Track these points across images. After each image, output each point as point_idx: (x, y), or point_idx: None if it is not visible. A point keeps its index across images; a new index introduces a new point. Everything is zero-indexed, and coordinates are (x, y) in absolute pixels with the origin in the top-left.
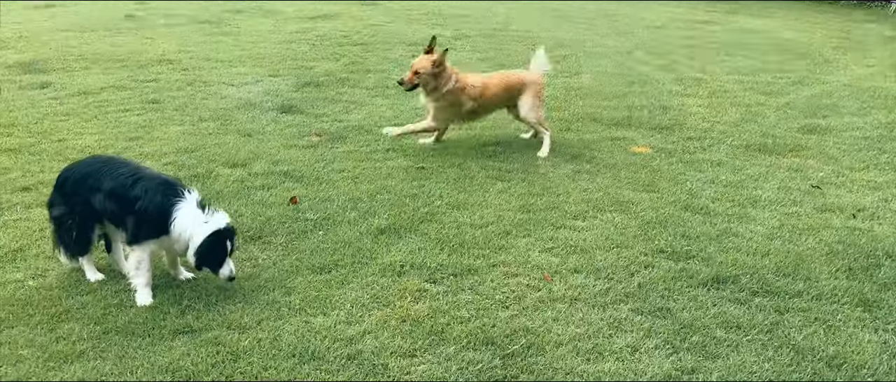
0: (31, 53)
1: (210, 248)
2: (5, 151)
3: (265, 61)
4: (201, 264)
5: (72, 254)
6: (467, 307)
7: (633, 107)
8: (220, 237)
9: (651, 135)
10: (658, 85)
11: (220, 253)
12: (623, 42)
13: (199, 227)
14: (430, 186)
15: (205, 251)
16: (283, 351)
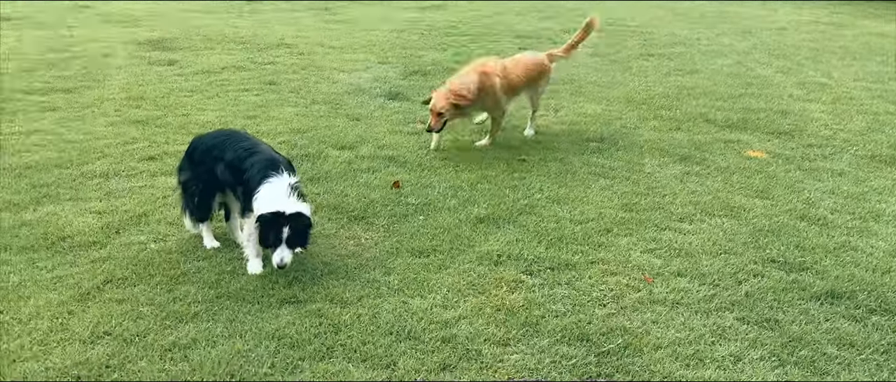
0: (160, 32)
1: (262, 228)
2: (134, 122)
3: (375, 48)
4: (260, 242)
5: (195, 220)
6: (563, 301)
7: (749, 109)
8: (273, 219)
9: (768, 140)
10: (778, 88)
11: (272, 237)
12: (741, 42)
13: (266, 206)
14: (531, 179)
15: (260, 229)
16: (381, 328)
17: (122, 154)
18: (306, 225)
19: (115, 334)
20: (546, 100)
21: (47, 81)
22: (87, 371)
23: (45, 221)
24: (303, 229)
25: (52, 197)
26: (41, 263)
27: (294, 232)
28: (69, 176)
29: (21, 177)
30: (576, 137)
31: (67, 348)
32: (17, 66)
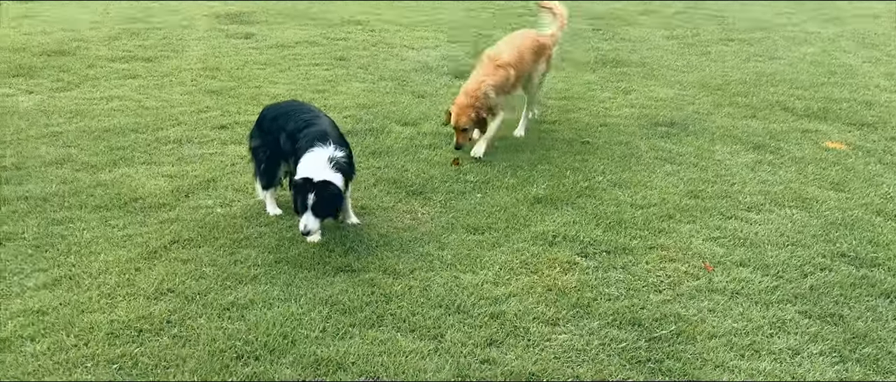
0: (238, 6)
1: (293, 193)
2: (209, 92)
3: (445, 27)
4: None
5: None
6: (617, 285)
7: (831, 99)
8: (302, 185)
9: (849, 131)
10: (864, 78)
11: (299, 203)
12: (829, 29)
13: (302, 173)
14: (593, 161)
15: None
16: (431, 301)
17: (196, 122)
18: (332, 194)
19: (178, 291)
20: (615, 83)
21: (129, 50)
22: (150, 325)
23: (119, 182)
24: (328, 197)
25: (128, 160)
26: (113, 221)
27: (319, 199)
28: (144, 140)
29: (99, 140)
30: (644, 121)
31: (132, 302)
32: (103, 35)
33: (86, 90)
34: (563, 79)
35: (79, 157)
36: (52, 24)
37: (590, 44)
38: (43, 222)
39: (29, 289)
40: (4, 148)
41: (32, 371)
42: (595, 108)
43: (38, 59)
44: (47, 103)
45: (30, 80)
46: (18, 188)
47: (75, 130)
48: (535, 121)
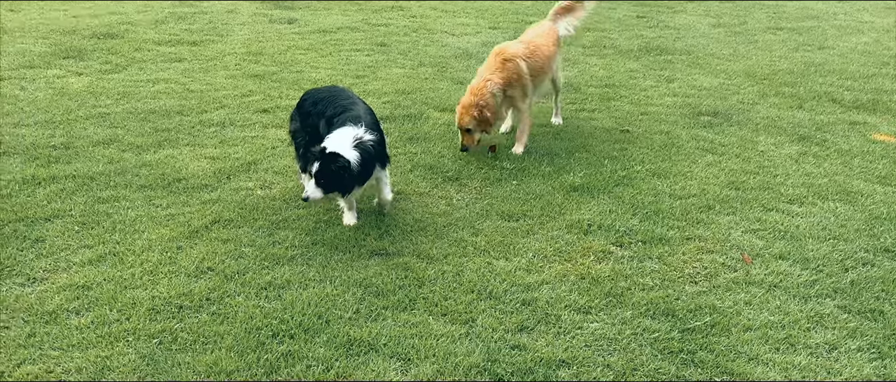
0: None
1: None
2: (252, 76)
3: (487, 14)
4: None
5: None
6: (652, 275)
7: (881, 90)
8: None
9: None
10: None
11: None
12: (884, 18)
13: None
14: (633, 151)
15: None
16: (463, 286)
17: (239, 105)
18: (339, 168)
19: (218, 270)
20: (658, 71)
21: (176, 34)
22: (190, 302)
23: (163, 163)
24: (334, 171)
25: (172, 142)
26: (157, 201)
27: (323, 170)
28: (189, 123)
29: (145, 122)
30: (686, 110)
31: (173, 279)
32: (150, 19)
33: (133, 72)
34: (605, 66)
35: (125, 138)
36: (102, 7)
37: (633, 31)
38: (90, 200)
39: (75, 264)
40: (54, 128)
41: (76, 343)
42: (636, 97)
43: (87, 42)
44: (96, 85)
45: (79, 62)
46: (67, 167)
47: (122, 112)
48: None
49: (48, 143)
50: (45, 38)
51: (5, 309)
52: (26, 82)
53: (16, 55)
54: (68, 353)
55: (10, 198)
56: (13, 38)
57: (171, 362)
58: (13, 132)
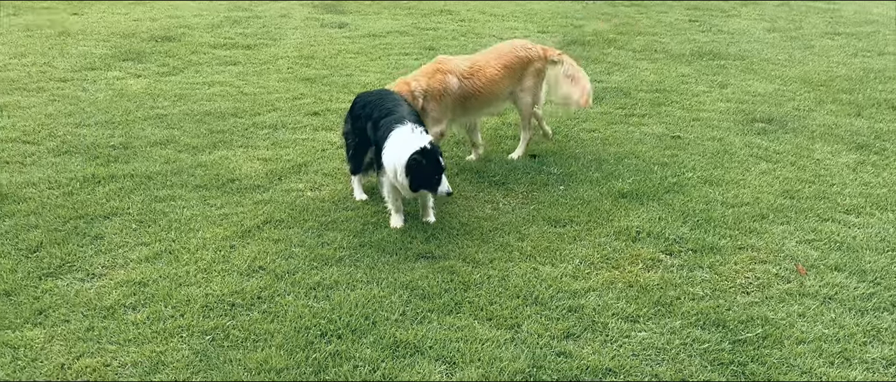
0: None
1: (414, 170)
2: (303, 80)
3: (536, 17)
4: (416, 186)
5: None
6: (703, 285)
7: None
8: (418, 160)
9: None
10: None
11: (428, 174)
12: None
13: (397, 149)
14: (683, 157)
15: (414, 173)
16: (509, 291)
17: (290, 108)
18: (437, 152)
19: (269, 269)
20: (711, 76)
21: (231, 37)
22: (242, 300)
23: (218, 164)
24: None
25: (226, 143)
26: (211, 201)
27: (438, 162)
28: (242, 125)
29: (201, 123)
30: (740, 117)
31: (226, 278)
32: (206, 22)
33: (189, 75)
34: (656, 71)
35: (181, 139)
36: (160, 11)
37: (685, 35)
38: (147, 199)
39: (132, 261)
40: (114, 128)
41: (132, 338)
42: (688, 102)
43: (146, 45)
44: (154, 86)
45: (138, 64)
46: (125, 166)
47: (179, 113)
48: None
49: (108, 143)
50: (105, 41)
51: (66, 303)
52: (88, 83)
53: (78, 57)
54: (124, 348)
55: (71, 196)
56: (76, 41)
57: (222, 358)
58: (75, 132)
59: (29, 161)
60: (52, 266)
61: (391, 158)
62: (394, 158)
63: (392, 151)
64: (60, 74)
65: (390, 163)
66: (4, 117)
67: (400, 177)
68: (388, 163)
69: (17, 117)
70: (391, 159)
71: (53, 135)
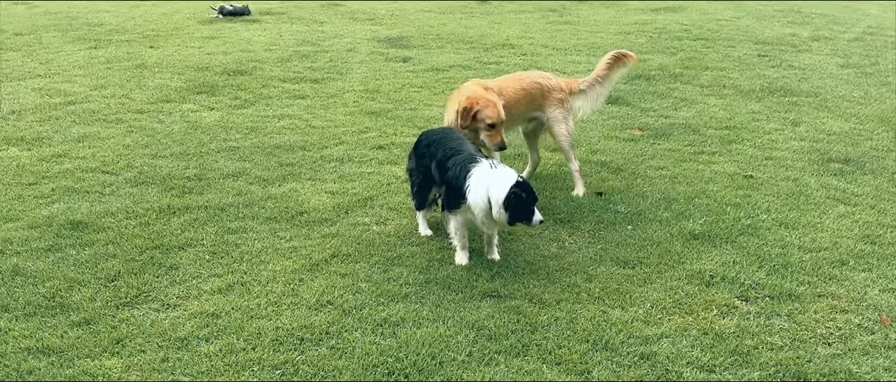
0: (398, 29)
1: (513, 205)
2: (368, 113)
3: (599, 51)
4: (514, 220)
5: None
6: (781, 334)
7: None
8: (523, 188)
9: None
10: None
11: (522, 209)
12: None
13: (483, 187)
14: (757, 198)
15: (515, 207)
16: (577, 334)
17: (357, 141)
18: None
19: (336, 304)
20: (783, 114)
21: (300, 72)
22: (310, 335)
23: (287, 196)
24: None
25: (295, 176)
26: (281, 233)
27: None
28: (310, 158)
29: (271, 156)
30: (815, 156)
31: (296, 311)
32: (276, 57)
33: (260, 108)
34: (725, 107)
35: (253, 171)
36: (233, 46)
37: (755, 70)
38: (220, 230)
39: (205, 293)
40: (188, 159)
41: (205, 370)
42: (760, 140)
43: (219, 78)
44: (226, 119)
45: (212, 98)
46: (199, 198)
47: (250, 146)
48: None
49: (183, 175)
50: (180, 74)
51: (142, 333)
52: (163, 115)
53: (155, 90)
54: (198, 380)
55: (148, 226)
56: (153, 74)
57: None
58: (151, 163)
59: (108, 191)
60: (129, 295)
61: (481, 195)
62: (485, 195)
63: (481, 188)
64: (138, 106)
65: (480, 200)
66: (85, 147)
67: (496, 212)
68: (477, 200)
69: (97, 147)
70: (481, 196)
71: (131, 166)
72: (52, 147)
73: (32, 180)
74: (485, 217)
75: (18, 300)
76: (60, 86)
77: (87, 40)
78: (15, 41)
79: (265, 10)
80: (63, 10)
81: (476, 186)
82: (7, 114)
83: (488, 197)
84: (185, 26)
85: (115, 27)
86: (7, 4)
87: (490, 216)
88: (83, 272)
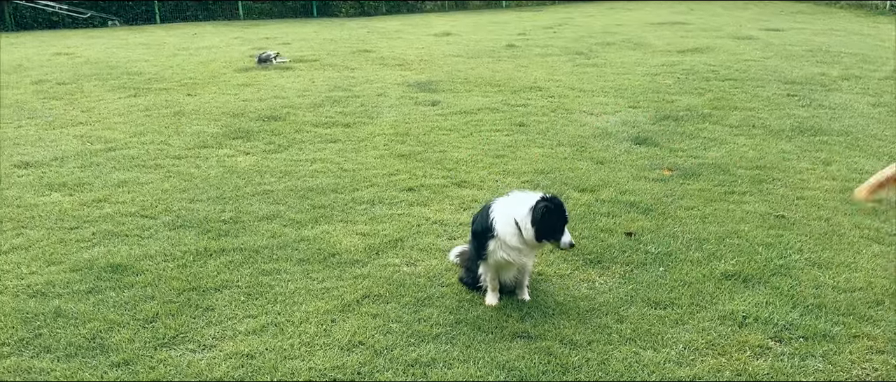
0: (427, 75)
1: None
2: (398, 156)
3: (626, 93)
4: (542, 236)
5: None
6: (816, 375)
7: None
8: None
9: None
10: None
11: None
12: None
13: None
14: (789, 238)
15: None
16: (609, 375)
17: (387, 183)
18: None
19: (368, 344)
20: (813, 153)
21: (331, 116)
22: (343, 375)
23: (320, 238)
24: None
25: (327, 218)
26: (314, 274)
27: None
28: (342, 200)
29: (304, 199)
30: (848, 195)
31: (328, 352)
32: (309, 102)
33: (293, 152)
34: (755, 147)
35: (286, 214)
36: (267, 92)
37: (784, 110)
38: (254, 272)
39: (240, 333)
40: (224, 203)
41: None
42: (791, 180)
43: (254, 124)
44: (261, 163)
45: (247, 143)
46: (235, 240)
47: (284, 189)
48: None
49: (219, 218)
50: (217, 120)
51: (179, 374)
52: (200, 161)
53: (192, 136)
54: None
55: (184, 268)
56: (190, 120)
57: None
58: (189, 207)
59: (146, 234)
60: (166, 336)
61: (507, 220)
62: (512, 219)
63: (505, 215)
64: (176, 152)
65: (508, 226)
66: (125, 192)
67: (523, 227)
68: (505, 227)
69: (137, 192)
70: (508, 221)
71: (169, 210)
72: (93, 192)
73: (74, 224)
74: (517, 241)
75: (60, 341)
76: (101, 133)
77: (126, 89)
78: (58, 90)
79: (298, 57)
80: (103, 60)
81: (500, 214)
82: (50, 161)
83: (515, 220)
84: (221, 74)
85: (154, 76)
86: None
87: (521, 240)
88: (122, 313)
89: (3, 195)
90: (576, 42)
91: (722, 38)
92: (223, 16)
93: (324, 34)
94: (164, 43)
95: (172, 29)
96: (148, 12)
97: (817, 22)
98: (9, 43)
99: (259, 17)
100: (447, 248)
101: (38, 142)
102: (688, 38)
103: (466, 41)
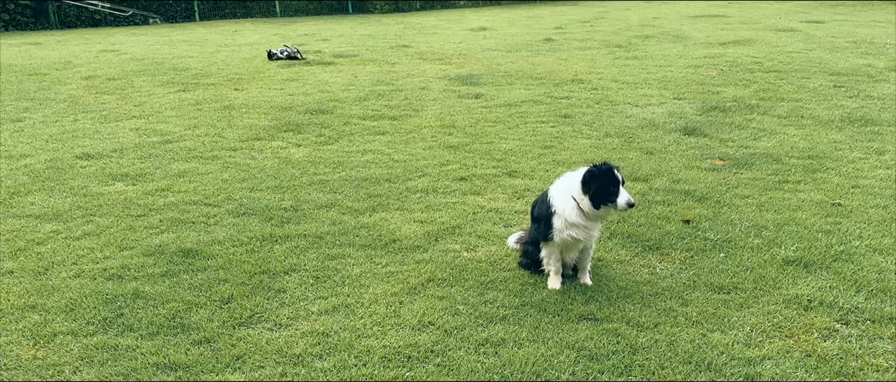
0: (468, 69)
1: (594, 180)
2: (447, 147)
3: (670, 85)
4: (598, 201)
5: None
6: (886, 356)
7: None
8: (600, 167)
9: None
10: None
11: (607, 189)
12: None
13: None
14: (848, 225)
15: (593, 185)
16: (678, 356)
17: (439, 173)
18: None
19: (437, 325)
20: (865, 143)
21: (377, 110)
22: (416, 353)
23: (378, 225)
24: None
25: (384, 206)
26: (377, 259)
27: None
28: (396, 189)
29: (359, 188)
30: None
31: (400, 331)
32: (354, 96)
33: (343, 144)
34: (805, 137)
35: (343, 202)
36: (312, 87)
37: (832, 101)
38: (320, 256)
39: (313, 313)
40: (283, 192)
41: None
42: (845, 169)
43: (302, 117)
44: (314, 155)
45: (298, 135)
46: (297, 227)
47: (338, 179)
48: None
49: (280, 206)
50: (266, 114)
51: (259, 350)
52: (255, 152)
53: (245, 129)
54: None
55: (253, 253)
56: (241, 114)
57: None
58: (250, 195)
59: (212, 221)
60: (243, 316)
61: (564, 195)
62: (568, 194)
63: (562, 192)
64: (230, 144)
65: (565, 198)
66: (186, 182)
67: (578, 198)
68: (564, 204)
69: (197, 182)
70: (565, 197)
71: (231, 199)
72: (155, 182)
73: (141, 212)
74: (578, 217)
75: (141, 320)
76: (156, 126)
77: (175, 84)
78: (109, 85)
79: (338, 53)
80: (149, 56)
81: (558, 194)
82: (110, 153)
83: (572, 196)
84: (265, 70)
85: (200, 71)
86: (97, 52)
87: (582, 215)
88: (198, 295)
89: (69, 185)
90: (614, 35)
91: (763, 31)
92: (260, 13)
93: (360, 30)
94: (206, 40)
95: (212, 26)
96: (187, 10)
97: (859, 14)
98: (56, 41)
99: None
100: (505, 235)
101: (96, 134)
102: (728, 31)
103: (503, 36)
